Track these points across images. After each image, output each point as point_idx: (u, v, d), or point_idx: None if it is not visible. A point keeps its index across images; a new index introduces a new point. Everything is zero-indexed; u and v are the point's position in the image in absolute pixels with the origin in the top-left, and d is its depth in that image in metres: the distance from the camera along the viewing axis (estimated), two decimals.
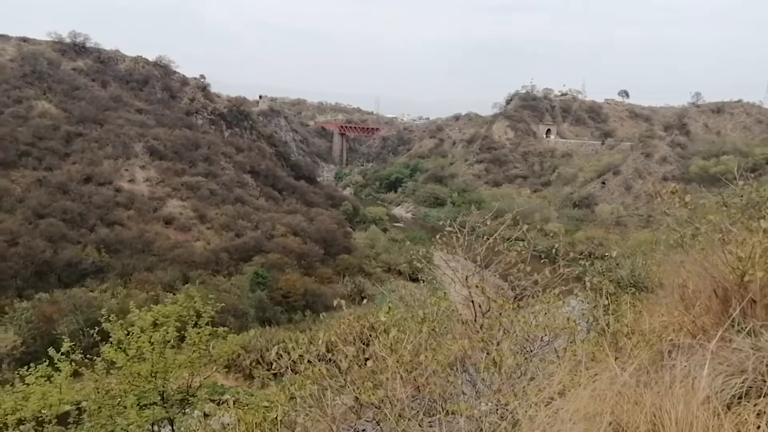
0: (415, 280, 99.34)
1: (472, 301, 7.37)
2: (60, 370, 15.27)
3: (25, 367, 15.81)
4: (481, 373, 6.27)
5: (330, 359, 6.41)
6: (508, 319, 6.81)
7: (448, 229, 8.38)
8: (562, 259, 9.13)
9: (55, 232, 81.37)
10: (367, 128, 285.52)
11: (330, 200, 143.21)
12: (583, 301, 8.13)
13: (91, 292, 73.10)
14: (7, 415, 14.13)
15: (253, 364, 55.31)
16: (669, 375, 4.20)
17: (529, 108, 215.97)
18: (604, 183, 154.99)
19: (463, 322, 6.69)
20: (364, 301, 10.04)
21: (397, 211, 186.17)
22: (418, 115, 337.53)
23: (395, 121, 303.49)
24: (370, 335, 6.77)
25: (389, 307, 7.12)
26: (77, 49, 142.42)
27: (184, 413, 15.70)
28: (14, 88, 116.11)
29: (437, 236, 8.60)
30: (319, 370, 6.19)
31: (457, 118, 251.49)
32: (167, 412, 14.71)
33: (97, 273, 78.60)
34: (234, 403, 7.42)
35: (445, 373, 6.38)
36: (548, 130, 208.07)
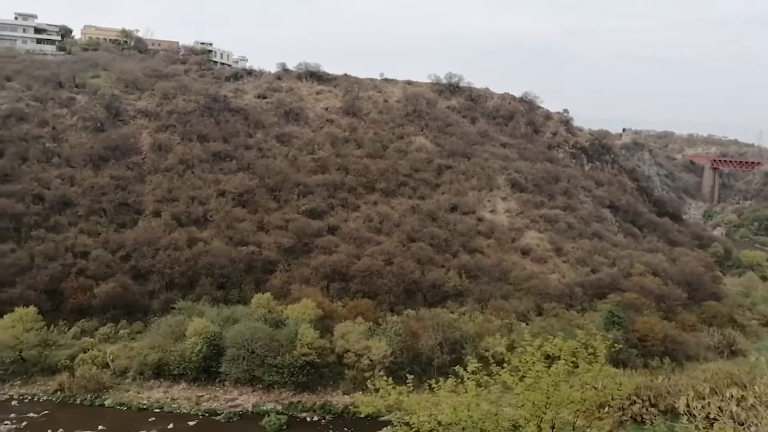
0: None
1: None
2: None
3: (434, 380, 17.43)
4: None
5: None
6: None
7: None
8: None
9: (423, 256, 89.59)
10: (746, 162, 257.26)
11: (697, 240, 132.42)
12: None
13: (451, 313, 78.56)
14: (422, 422, 15.51)
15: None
16: None
17: None
18: None
19: None
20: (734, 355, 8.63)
21: None
22: None
23: None
24: None
25: None
26: (451, 88, 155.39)
27: None
28: (398, 125, 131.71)
29: None
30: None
31: None
32: None
33: (456, 296, 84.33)
34: None
35: None
36: None
